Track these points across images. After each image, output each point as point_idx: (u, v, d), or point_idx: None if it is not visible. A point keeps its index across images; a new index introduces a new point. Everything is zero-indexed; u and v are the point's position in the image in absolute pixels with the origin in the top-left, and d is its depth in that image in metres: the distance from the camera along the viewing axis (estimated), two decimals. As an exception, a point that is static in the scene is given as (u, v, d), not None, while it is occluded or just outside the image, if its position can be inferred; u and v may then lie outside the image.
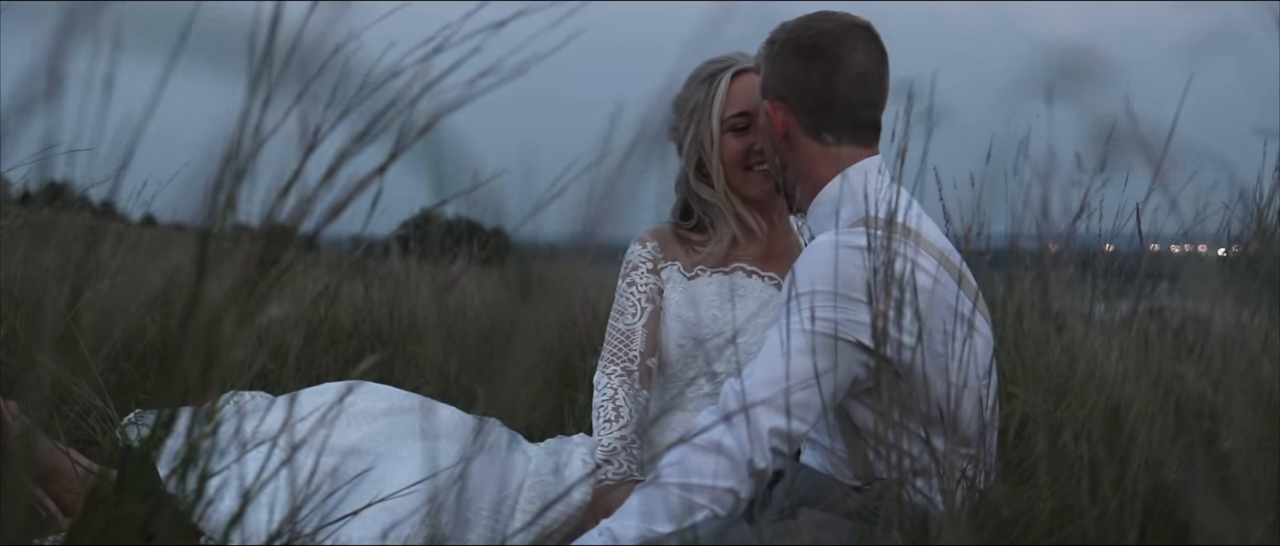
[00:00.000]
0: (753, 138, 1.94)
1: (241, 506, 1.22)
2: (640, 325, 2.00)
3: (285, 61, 1.07)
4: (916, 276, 1.52)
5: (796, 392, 1.46)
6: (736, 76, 1.96)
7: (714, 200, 2.00)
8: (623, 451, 1.88)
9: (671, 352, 2.00)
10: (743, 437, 1.45)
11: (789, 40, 1.68)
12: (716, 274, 2.02)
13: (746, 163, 1.96)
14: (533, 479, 1.86)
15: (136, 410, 2.00)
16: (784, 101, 1.68)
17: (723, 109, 1.95)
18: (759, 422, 1.46)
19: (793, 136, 1.69)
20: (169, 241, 5.14)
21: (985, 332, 1.64)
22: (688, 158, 2.00)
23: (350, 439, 1.79)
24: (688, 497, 1.44)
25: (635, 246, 2.08)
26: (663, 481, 1.46)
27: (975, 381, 1.56)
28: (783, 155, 1.73)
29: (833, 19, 1.68)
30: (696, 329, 1.98)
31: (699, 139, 1.98)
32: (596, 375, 1.99)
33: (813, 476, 1.70)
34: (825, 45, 1.65)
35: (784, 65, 1.68)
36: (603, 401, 1.93)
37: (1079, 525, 1.32)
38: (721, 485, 1.45)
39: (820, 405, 1.48)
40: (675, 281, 2.03)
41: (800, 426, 1.48)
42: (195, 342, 1.10)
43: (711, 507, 1.45)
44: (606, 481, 1.85)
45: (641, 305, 2.01)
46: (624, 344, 1.99)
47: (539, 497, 1.82)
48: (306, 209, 1.14)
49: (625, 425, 1.90)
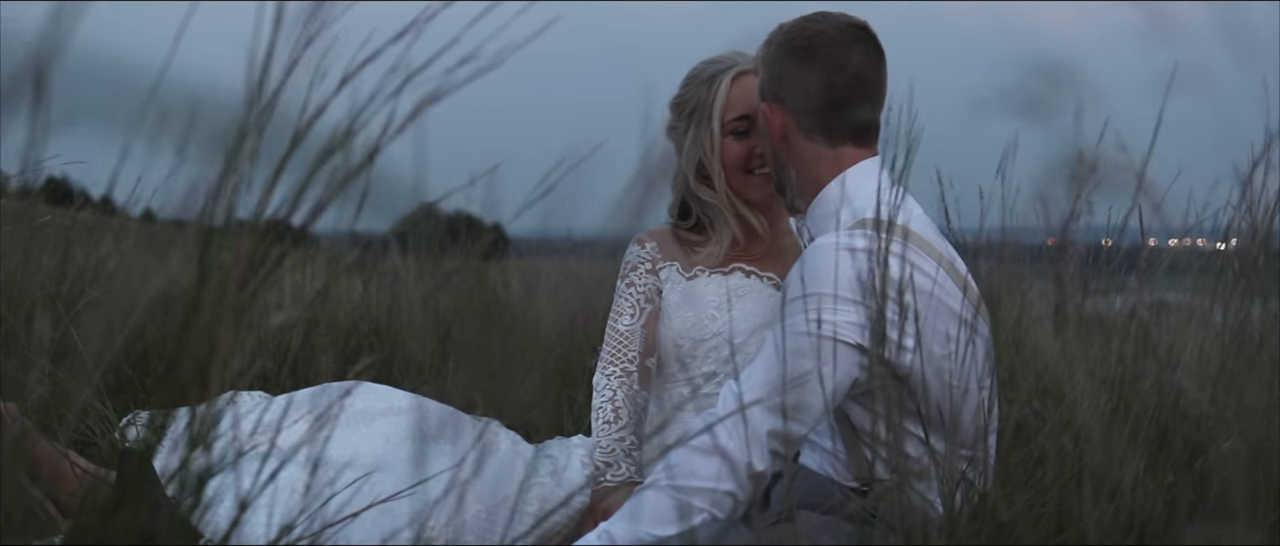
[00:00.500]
0: (754, 141, 1.93)
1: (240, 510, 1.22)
2: (639, 326, 1.99)
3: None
4: (916, 279, 1.52)
5: (795, 395, 1.46)
6: (736, 79, 1.95)
7: (714, 202, 1.99)
8: (622, 453, 1.89)
9: (670, 353, 2.00)
10: (741, 440, 1.45)
11: (785, 41, 1.68)
12: (715, 274, 2.01)
13: (747, 166, 1.95)
14: (532, 481, 1.86)
15: (135, 411, 1.99)
16: (781, 103, 1.68)
17: (723, 112, 1.94)
18: (757, 425, 1.46)
19: (791, 138, 1.69)
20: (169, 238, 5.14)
21: (985, 335, 1.64)
22: (687, 159, 1.99)
23: (349, 440, 1.79)
24: (686, 500, 1.44)
25: (634, 247, 2.07)
26: (661, 484, 1.46)
27: (975, 384, 1.56)
28: (781, 157, 1.72)
29: (829, 20, 1.68)
30: (696, 329, 1.98)
31: (699, 141, 1.97)
32: (596, 376, 1.98)
33: (811, 478, 1.70)
34: (821, 46, 1.65)
35: (781, 67, 1.68)
36: (602, 403, 1.93)
37: (1078, 528, 1.32)
38: (720, 488, 1.45)
39: (819, 408, 1.48)
40: (674, 282, 2.02)
41: (799, 429, 1.48)
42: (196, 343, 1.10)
43: (710, 510, 1.45)
44: (606, 483, 1.85)
45: (640, 306, 2.01)
46: (623, 345, 1.99)
47: (538, 500, 1.83)
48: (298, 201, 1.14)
49: (624, 426, 1.91)
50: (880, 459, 1.51)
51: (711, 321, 1.98)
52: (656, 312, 2.01)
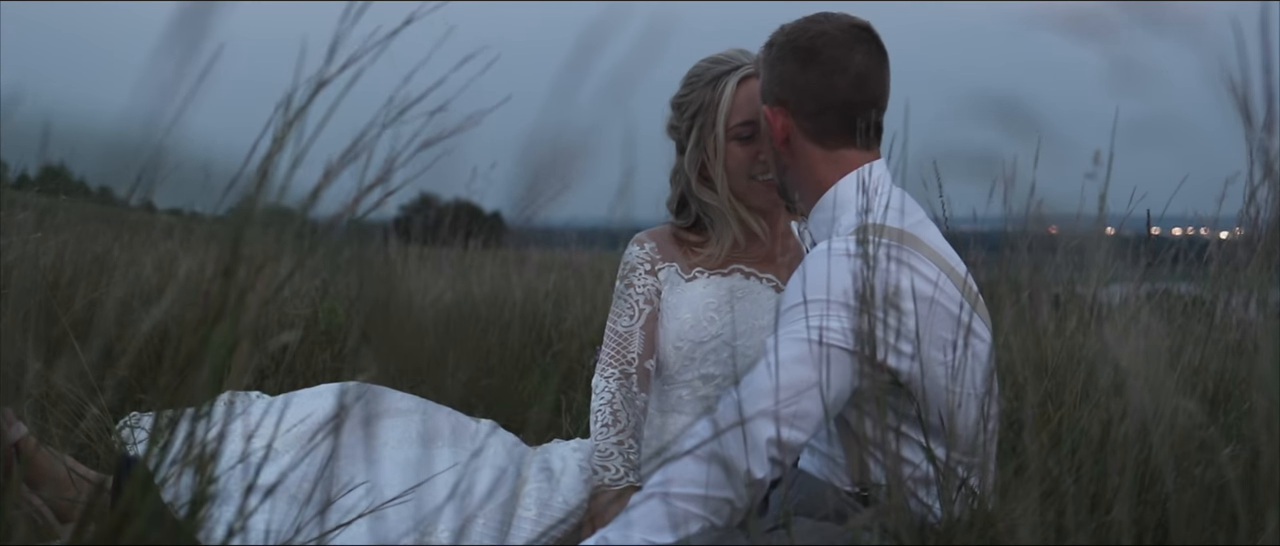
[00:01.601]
0: (758, 146, 1.90)
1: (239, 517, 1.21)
2: (638, 327, 1.98)
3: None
4: (917, 284, 1.51)
5: (795, 403, 1.45)
6: (742, 83, 1.91)
7: (716, 204, 1.98)
8: (619, 457, 1.87)
9: (669, 355, 1.98)
10: (740, 448, 1.44)
11: (787, 43, 1.66)
12: (715, 276, 2.00)
13: (751, 172, 1.92)
14: (530, 485, 1.85)
15: (133, 413, 1.98)
16: (783, 105, 1.67)
17: (728, 117, 1.91)
18: (757, 433, 1.45)
19: (793, 141, 1.68)
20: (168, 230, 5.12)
21: (986, 338, 1.63)
22: (690, 162, 1.97)
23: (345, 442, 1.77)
24: (683, 508, 1.43)
25: (633, 247, 2.06)
26: (659, 492, 1.45)
27: (975, 389, 1.56)
28: (783, 159, 1.71)
29: (831, 21, 1.66)
30: (695, 331, 1.96)
31: (703, 145, 1.94)
32: (594, 378, 1.97)
33: (810, 482, 1.69)
34: (823, 47, 1.63)
35: (782, 69, 1.66)
36: (600, 405, 1.92)
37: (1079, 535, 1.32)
38: (718, 495, 1.44)
39: (818, 416, 1.47)
40: (673, 283, 2.01)
41: (798, 436, 1.47)
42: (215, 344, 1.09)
43: (707, 518, 1.44)
44: (603, 488, 1.84)
45: (639, 307, 2.00)
46: (621, 346, 1.98)
47: (536, 504, 1.82)
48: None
49: (622, 430, 1.89)
50: (878, 464, 1.51)
51: (710, 324, 1.96)
52: (656, 314, 2.00)
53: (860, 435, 1.58)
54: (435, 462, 1.77)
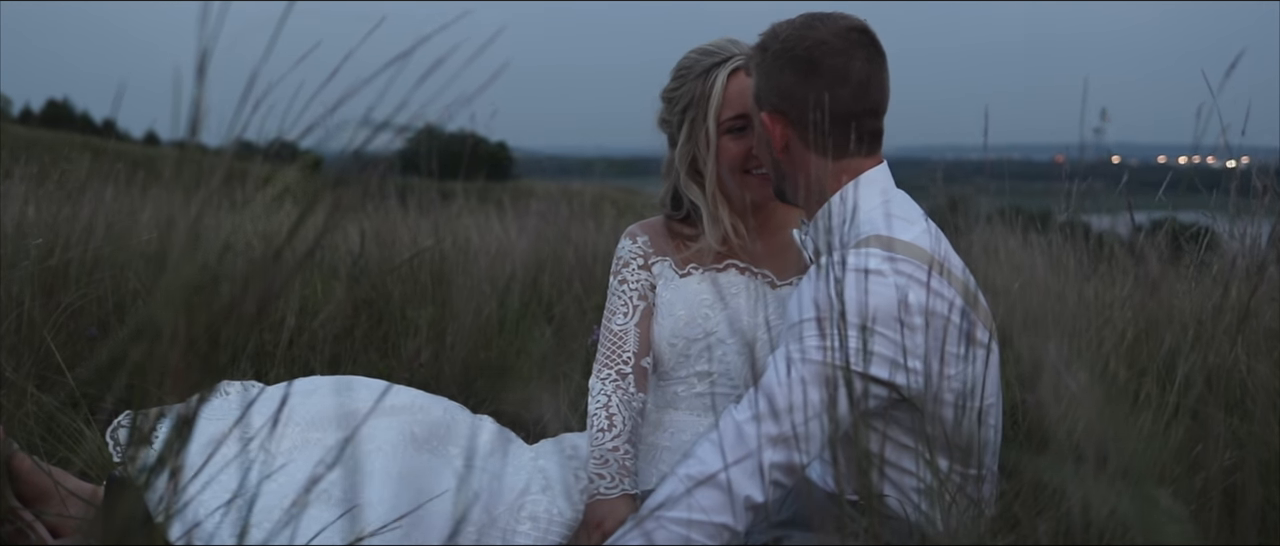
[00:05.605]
0: (750, 140, 1.85)
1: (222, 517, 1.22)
2: (633, 325, 1.95)
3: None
4: (931, 301, 1.47)
5: (800, 425, 1.42)
6: (732, 75, 1.85)
7: (701, 203, 1.93)
8: (615, 461, 1.83)
9: (664, 351, 1.95)
10: (741, 473, 1.41)
11: (784, 51, 1.60)
12: (709, 271, 1.95)
13: (745, 166, 1.87)
14: (530, 485, 1.83)
15: (126, 412, 1.96)
16: (783, 116, 1.61)
17: (719, 111, 1.86)
18: (759, 457, 1.42)
19: (792, 149, 1.63)
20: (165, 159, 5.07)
21: (992, 350, 1.59)
22: (681, 156, 1.92)
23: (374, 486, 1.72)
24: (685, 534, 1.41)
25: (625, 241, 2.01)
26: (658, 514, 1.42)
27: (986, 404, 1.52)
28: (783, 166, 1.66)
29: (828, 25, 1.59)
30: (689, 328, 1.93)
31: (694, 139, 1.90)
32: (590, 379, 1.93)
33: (814, 491, 1.67)
34: (822, 57, 1.57)
35: (780, 78, 1.60)
36: (596, 409, 1.88)
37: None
38: (717, 520, 1.41)
39: (823, 437, 1.43)
40: (667, 278, 1.97)
41: (802, 459, 1.44)
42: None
43: (707, 543, 1.42)
44: (599, 494, 1.81)
45: (633, 304, 1.96)
46: (617, 346, 1.94)
47: (529, 520, 1.79)
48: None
49: (619, 435, 1.85)
50: (883, 476, 1.48)
51: (705, 320, 1.92)
52: (651, 309, 1.96)
53: (861, 447, 1.55)
54: (428, 478, 1.74)
